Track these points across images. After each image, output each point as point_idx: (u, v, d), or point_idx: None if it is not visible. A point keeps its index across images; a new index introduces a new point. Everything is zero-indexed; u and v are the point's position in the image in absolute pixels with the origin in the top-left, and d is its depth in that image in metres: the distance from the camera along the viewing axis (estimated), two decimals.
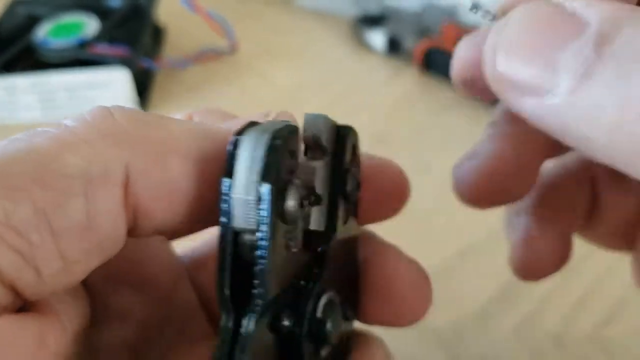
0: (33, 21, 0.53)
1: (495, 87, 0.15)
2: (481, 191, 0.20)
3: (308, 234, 0.17)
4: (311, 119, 0.17)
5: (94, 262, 0.14)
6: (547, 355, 0.31)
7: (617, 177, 0.23)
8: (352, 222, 0.19)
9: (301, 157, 0.17)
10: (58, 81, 0.47)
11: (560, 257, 0.23)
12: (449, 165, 0.22)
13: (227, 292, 0.14)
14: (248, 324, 0.14)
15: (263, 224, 0.14)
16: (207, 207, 0.15)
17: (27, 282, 0.13)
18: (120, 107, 0.15)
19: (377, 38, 0.53)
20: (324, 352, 0.17)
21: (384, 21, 0.54)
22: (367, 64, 0.53)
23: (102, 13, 0.53)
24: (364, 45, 0.55)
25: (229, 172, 0.14)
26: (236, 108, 0.52)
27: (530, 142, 0.20)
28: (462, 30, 0.52)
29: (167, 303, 0.19)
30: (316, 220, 0.17)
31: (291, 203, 0.15)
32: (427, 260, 0.32)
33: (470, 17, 0.53)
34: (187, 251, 0.21)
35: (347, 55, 0.55)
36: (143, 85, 0.50)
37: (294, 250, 0.15)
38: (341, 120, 0.18)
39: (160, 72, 0.52)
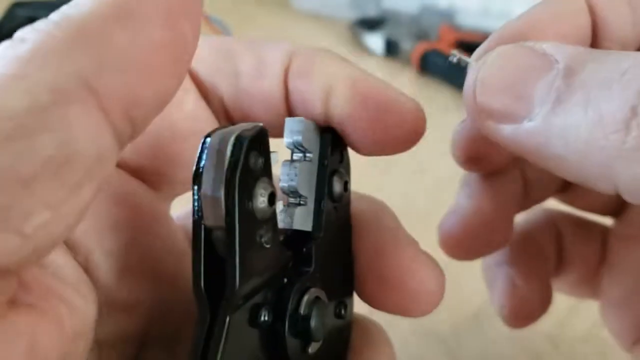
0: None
1: (476, 118, 0.17)
2: (465, 244, 0.22)
3: (295, 234, 0.17)
4: (291, 123, 0.17)
5: (88, 193, 0.13)
6: (543, 355, 0.31)
7: (579, 227, 0.25)
8: (347, 220, 0.19)
9: (285, 160, 0.18)
10: None
11: (544, 301, 0.25)
12: (446, 166, 0.23)
13: (201, 286, 0.15)
14: (221, 317, 0.15)
15: (229, 219, 0.14)
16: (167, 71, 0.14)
17: (9, 250, 0.12)
18: (29, 27, 0.13)
19: (375, 40, 0.54)
20: (311, 348, 0.17)
21: (381, 24, 0.54)
22: (364, 66, 0.53)
23: None
24: (361, 47, 0.55)
25: (197, 174, 0.15)
26: None
27: (503, 195, 0.22)
28: (459, 33, 0.52)
29: (171, 287, 0.19)
30: (302, 220, 0.17)
31: (260, 200, 0.15)
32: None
33: (467, 20, 0.54)
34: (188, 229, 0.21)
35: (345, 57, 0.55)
36: None
37: (267, 246, 0.16)
38: None
39: None
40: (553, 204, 0.25)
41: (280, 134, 0.18)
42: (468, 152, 0.21)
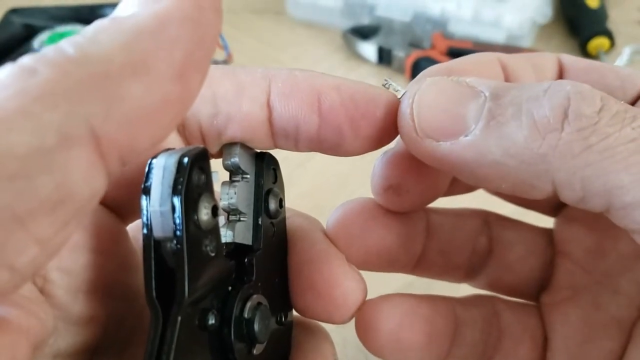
0: (29, 31, 0.53)
1: (413, 139, 0.19)
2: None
3: (237, 247, 0.19)
4: (229, 148, 0.19)
5: (71, 229, 0.13)
6: None
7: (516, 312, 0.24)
8: (283, 235, 0.21)
9: (225, 180, 0.20)
10: None
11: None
12: None
13: (153, 294, 0.16)
14: (172, 321, 0.16)
15: (177, 230, 0.16)
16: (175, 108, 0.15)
17: (1, 282, 0.12)
18: (37, 56, 0.13)
19: (368, 48, 0.54)
20: (256, 350, 0.19)
21: (375, 32, 0.55)
22: (358, 74, 0.54)
23: None
24: (355, 55, 0.55)
25: (146, 190, 0.16)
26: None
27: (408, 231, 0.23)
28: (451, 41, 0.53)
29: (124, 300, 0.19)
30: (243, 234, 0.19)
31: (204, 212, 0.17)
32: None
33: (459, 29, 0.54)
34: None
35: (338, 65, 0.55)
36: None
37: (212, 254, 0.17)
38: None
39: None
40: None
41: (267, 148, 0.20)
42: (389, 180, 0.21)
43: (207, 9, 0.15)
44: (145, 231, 0.16)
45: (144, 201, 0.16)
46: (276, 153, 0.21)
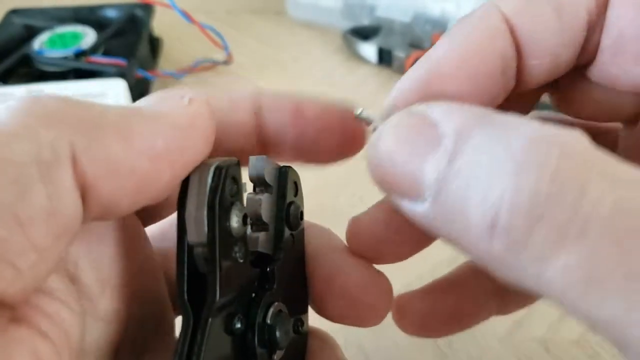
0: (30, 31, 0.53)
1: (381, 189, 0.17)
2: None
3: (259, 256, 0.20)
4: (255, 160, 0.20)
5: (63, 246, 0.14)
6: (535, 359, 0.31)
7: None
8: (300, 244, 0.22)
9: (249, 192, 0.20)
10: (54, 91, 0.48)
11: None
12: None
13: (185, 297, 0.17)
14: (203, 323, 0.17)
15: (211, 236, 0.17)
16: (152, 182, 0.16)
17: (7, 281, 0.13)
18: (45, 94, 0.15)
19: (369, 49, 0.54)
20: (276, 356, 0.19)
21: (375, 33, 0.55)
22: (358, 75, 0.54)
23: (99, 24, 0.54)
24: (355, 56, 0.55)
25: (183, 196, 0.17)
26: None
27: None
28: None
29: (142, 302, 0.20)
30: (265, 244, 0.20)
31: (235, 219, 0.18)
32: (418, 268, 0.32)
33: None
34: (160, 248, 0.22)
35: (338, 66, 0.55)
36: (139, 96, 0.50)
37: (241, 261, 0.18)
38: None
39: (156, 83, 0.53)
40: None
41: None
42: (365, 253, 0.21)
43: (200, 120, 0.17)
44: (180, 235, 0.17)
45: (180, 207, 0.17)
46: None
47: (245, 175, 0.20)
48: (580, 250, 0.13)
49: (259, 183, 0.20)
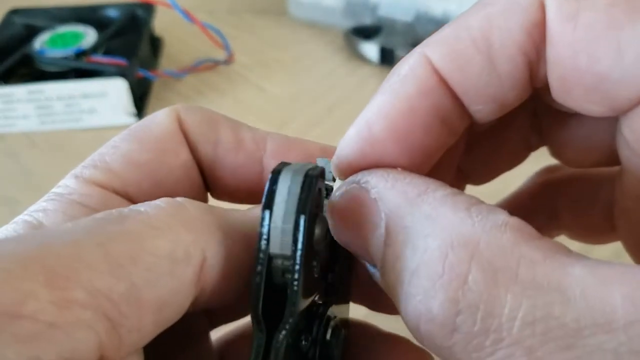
0: (30, 31, 0.53)
1: None
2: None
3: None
4: (320, 163, 0.19)
5: (156, 333, 0.15)
6: None
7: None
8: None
9: None
10: (55, 91, 0.48)
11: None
12: None
13: (259, 310, 0.16)
14: (280, 339, 0.16)
15: (298, 250, 0.16)
16: (245, 281, 0.17)
17: (112, 348, 0.14)
18: (188, 200, 0.17)
19: (371, 49, 0.54)
20: None
21: (377, 32, 0.55)
22: (360, 75, 0.54)
23: (100, 24, 0.53)
24: (357, 55, 0.55)
25: (268, 205, 0.16)
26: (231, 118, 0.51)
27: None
28: None
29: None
30: (327, 251, 0.19)
31: (318, 232, 0.17)
32: None
33: None
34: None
35: (340, 65, 0.55)
36: (140, 95, 0.50)
37: (316, 276, 0.17)
38: (335, 129, 0.20)
39: (157, 82, 0.53)
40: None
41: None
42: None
43: None
44: (262, 245, 0.16)
45: (265, 215, 0.16)
46: None
47: None
48: (496, 358, 0.14)
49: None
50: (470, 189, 0.24)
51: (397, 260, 0.16)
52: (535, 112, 0.22)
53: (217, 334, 0.24)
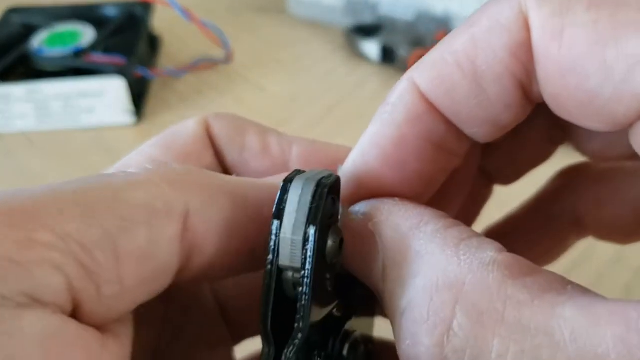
0: (28, 30, 0.53)
1: None
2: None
3: (338, 277, 0.18)
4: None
5: (145, 294, 0.15)
6: None
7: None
8: None
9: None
10: (53, 90, 0.47)
11: None
12: None
13: (268, 326, 0.16)
14: (288, 355, 0.15)
15: (308, 262, 0.15)
16: (250, 250, 0.17)
17: (88, 296, 0.14)
18: (177, 164, 0.17)
19: (371, 47, 0.54)
20: None
21: (377, 31, 0.55)
22: (361, 73, 0.54)
23: (98, 22, 0.53)
24: (357, 54, 0.55)
25: (278, 215, 0.16)
26: None
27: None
28: None
29: (188, 308, 0.20)
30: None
31: (331, 244, 0.16)
32: None
33: None
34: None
35: (341, 64, 0.55)
36: (138, 94, 0.50)
37: (329, 289, 0.17)
38: (335, 129, 0.19)
39: (156, 81, 0.52)
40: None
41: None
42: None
43: None
44: (270, 257, 0.16)
45: (274, 225, 0.16)
46: None
47: None
48: None
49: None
50: (499, 190, 0.24)
51: (392, 299, 0.15)
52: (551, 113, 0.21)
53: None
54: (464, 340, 0.14)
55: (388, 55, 0.53)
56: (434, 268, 0.15)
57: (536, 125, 0.22)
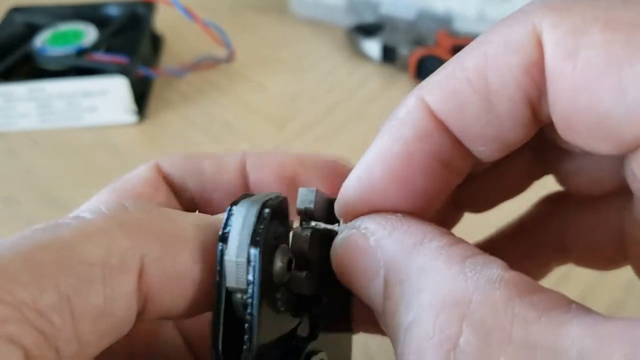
0: (31, 29, 0.53)
1: None
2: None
3: (301, 298, 0.18)
4: (304, 193, 0.19)
5: (104, 344, 0.15)
6: None
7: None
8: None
9: (296, 226, 0.19)
10: (56, 89, 0.48)
11: None
12: None
13: (219, 347, 0.16)
14: None
15: (252, 284, 0.16)
16: (210, 292, 0.17)
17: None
18: (133, 202, 0.17)
19: (372, 46, 0.54)
20: None
21: (379, 30, 0.55)
22: (362, 72, 0.54)
23: (101, 22, 0.53)
24: (359, 53, 0.55)
25: (223, 237, 0.16)
26: (232, 116, 0.52)
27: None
28: (456, 38, 0.52)
29: (150, 344, 0.20)
30: (310, 285, 0.18)
31: (279, 265, 0.16)
32: None
33: (464, 26, 0.54)
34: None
35: (342, 63, 0.55)
36: (141, 93, 0.50)
37: (282, 310, 0.17)
38: (336, 127, 0.19)
39: (158, 80, 0.53)
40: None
41: None
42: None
43: None
44: (218, 279, 0.16)
45: (219, 249, 0.16)
46: None
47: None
48: None
49: (307, 217, 0.19)
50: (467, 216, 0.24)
51: (394, 315, 0.15)
52: (539, 145, 0.21)
53: None
54: (469, 358, 0.14)
55: (389, 55, 0.53)
56: (440, 285, 0.15)
57: (518, 160, 0.22)
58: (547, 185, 0.23)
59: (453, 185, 0.19)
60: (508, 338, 0.13)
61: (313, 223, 0.19)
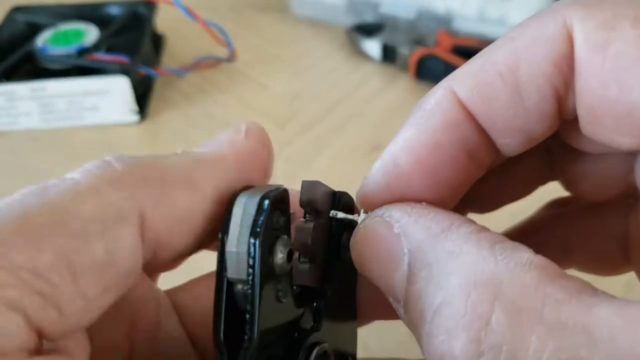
0: (33, 29, 0.53)
1: None
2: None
3: (305, 290, 0.18)
4: (307, 185, 0.19)
5: (111, 299, 0.15)
6: None
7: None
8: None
9: (299, 219, 0.19)
10: (57, 88, 0.48)
11: None
12: None
13: (221, 336, 0.16)
14: None
15: (252, 274, 0.16)
16: (213, 223, 0.17)
17: (51, 322, 0.14)
18: (116, 156, 0.16)
19: (373, 46, 0.54)
20: None
21: (379, 29, 0.55)
22: (362, 72, 0.54)
23: (102, 21, 0.53)
24: (359, 53, 0.55)
25: (225, 228, 0.16)
26: (233, 115, 0.52)
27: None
28: (456, 38, 0.52)
29: (153, 337, 0.20)
30: (313, 277, 0.19)
31: (279, 257, 0.16)
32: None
33: (464, 26, 0.54)
34: (175, 290, 0.22)
35: (342, 63, 0.55)
36: (142, 93, 0.50)
37: (283, 300, 0.17)
38: (337, 127, 0.19)
39: (159, 80, 0.53)
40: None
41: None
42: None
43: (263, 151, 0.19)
44: (219, 270, 0.16)
45: (220, 240, 0.16)
46: (280, 152, 0.21)
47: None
48: None
49: (310, 209, 0.19)
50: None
51: (420, 298, 0.15)
52: (548, 148, 0.22)
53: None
54: (501, 336, 0.14)
55: (389, 54, 0.53)
56: (471, 266, 0.15)
57: (527, 163, 0.22)
58: (551, 190, 0.24)
59: (475, 179, 0.19)
60: (539, 318, 0.14)
61: (333, 212, 0.19)
